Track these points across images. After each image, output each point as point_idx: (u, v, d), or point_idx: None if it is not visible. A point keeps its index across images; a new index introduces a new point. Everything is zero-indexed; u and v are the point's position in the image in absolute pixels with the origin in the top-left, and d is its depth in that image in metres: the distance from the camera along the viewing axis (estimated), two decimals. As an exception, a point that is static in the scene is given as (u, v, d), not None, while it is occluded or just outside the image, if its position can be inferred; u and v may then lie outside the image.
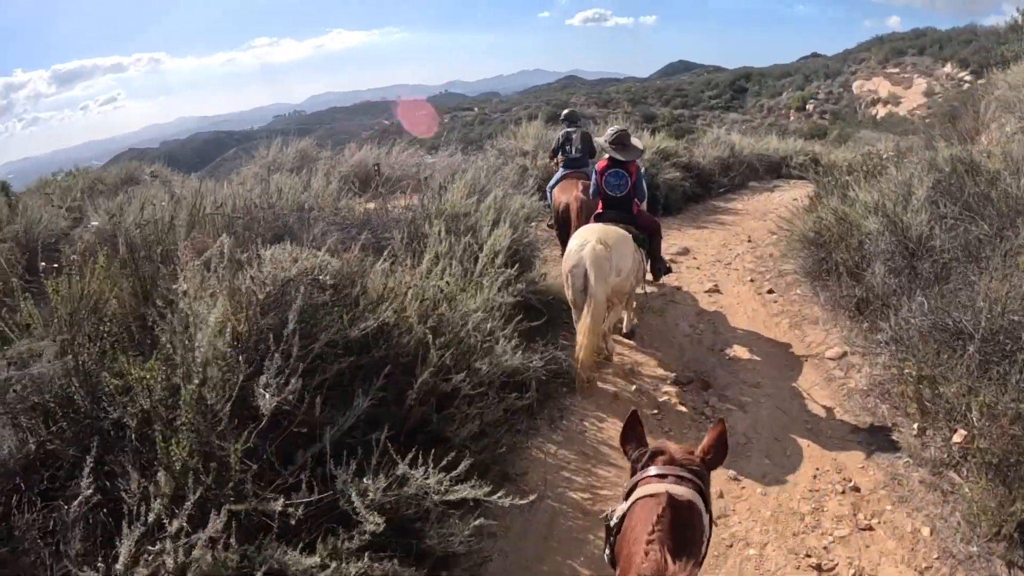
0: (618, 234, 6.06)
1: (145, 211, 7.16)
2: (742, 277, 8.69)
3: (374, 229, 7.24)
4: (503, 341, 4.90)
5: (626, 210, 6.51)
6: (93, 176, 14.50)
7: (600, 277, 5.68)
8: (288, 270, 4.04)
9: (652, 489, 2.05)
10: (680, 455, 2.17)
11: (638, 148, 6.72)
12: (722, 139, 16.54)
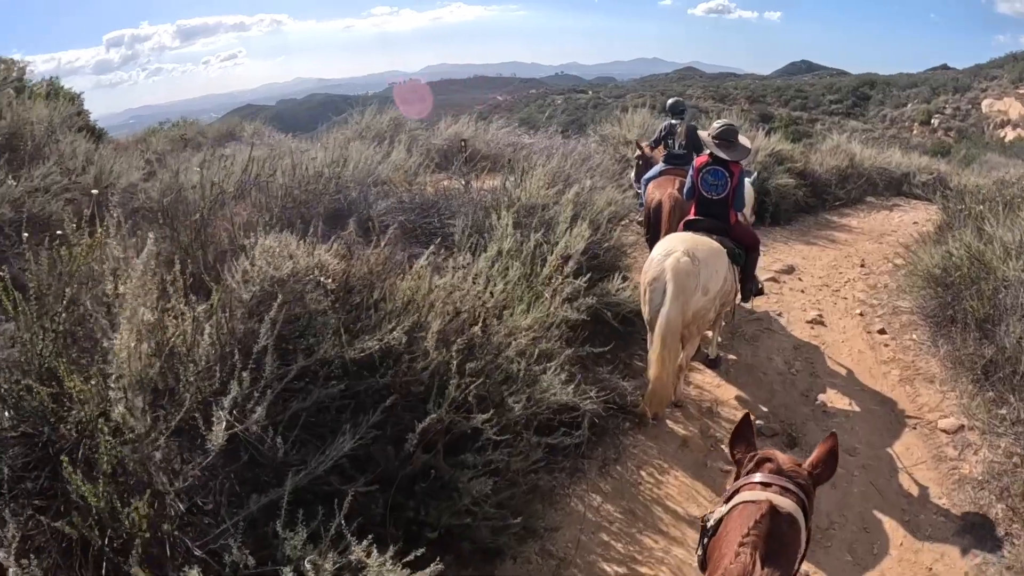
0: (710, 247, 5.09)
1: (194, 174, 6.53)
2: (850, 308, 7.45)
3: (441, 213, 6.38)
4: (553, 371, 3.90)
5: (722, 217, 5.50)
6: (196, 129, 14.27)
7: (680, 296, 4.73)
8: (280, 269, 3.18)
9: (754, 496, 1.97)
10: (788, 466, 2.07)
11: (746, 147, 5.67)
12: (842, 147, 14.92)
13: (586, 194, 6.81)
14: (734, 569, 1.78)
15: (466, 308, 3.82)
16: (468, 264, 4.29)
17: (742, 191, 5.65)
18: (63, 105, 8.64)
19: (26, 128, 7.00)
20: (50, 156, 6.72)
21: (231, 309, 3.09)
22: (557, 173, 6.87)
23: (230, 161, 6.43)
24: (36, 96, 9.55)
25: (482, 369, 3.59)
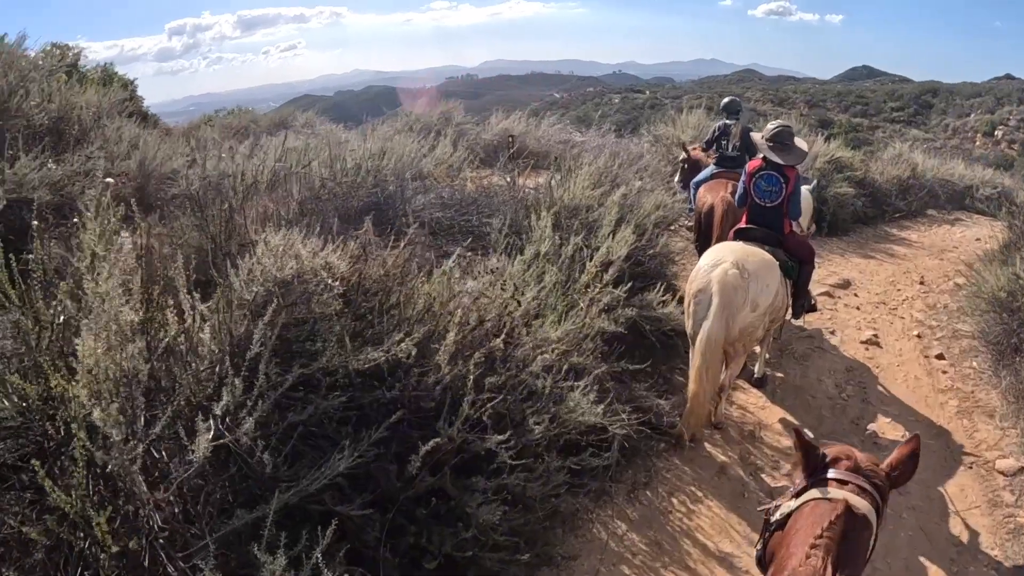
0: (762, 259, 4.68)
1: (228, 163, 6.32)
2: (907, 329, 6.91)
3: (481, 210, 6.05)
4: (582, 389, 3.54)
5: (776, 226, 5.08)
6: (250, 117, 14.22)
7: (725, 310, 4.35)
8: (283, 269, 2.89)
9: (829, 493, 1.86)
10: (866, 464, 1.96)
11: (802, 151, 5.22)
12: (904, 156, 14.16)
13: (633, 196, 6.42)
14: (803, 572, 1.69)
15: (491, 317, 3.49)
16: (498, 267, 3.94)
17: (798, 198, 5.20)
18: (114, 91, 8.58)
19: (74, 113, 6.92)
20: (95, 141, 6.62)
21: (232, 309, 2.81)
22: (604, 173, 6.48)
23: (265, 151, 6.20)
24: (90, 81, 9.54)
25: (503, 384, 3.26)
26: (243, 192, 5.49)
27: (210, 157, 7.17)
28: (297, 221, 4.90)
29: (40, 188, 5.26)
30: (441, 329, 3.21)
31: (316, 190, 5.89)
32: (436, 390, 3.06)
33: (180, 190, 6.05)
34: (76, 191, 5.51)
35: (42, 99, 6.49)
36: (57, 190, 5.47)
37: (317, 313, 3.05)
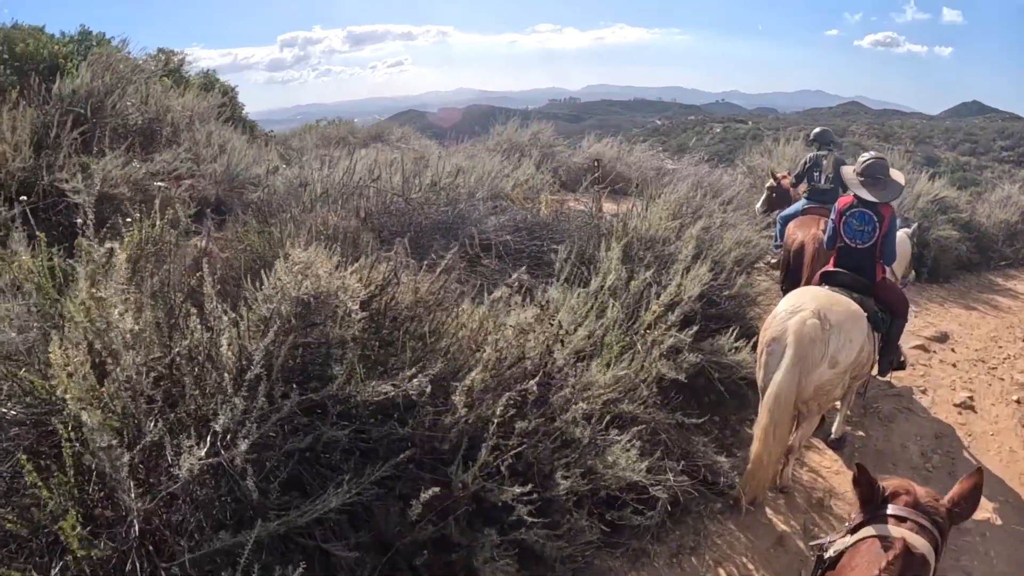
0: (847, 309, 4.08)
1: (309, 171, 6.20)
2: (1007, 393, 6.13)
3: (553, 235, 5.68)
4: (625, 443, 3.12)
5: (867, 271, 4.48)
6: (348, 129, 14.32)
7: (799, 364, 3.79)
8: (299, 288, 2.60)
9: (886, 531, 1.73)
10: (926, 500, 1.84)
11: (897, 184, 4.60)
12: (1013, 198, 12.90)
13: (715, 230, 5.92)
14: None
15: (533, 354, 3.11)
16: (552, 299, 3.55)
17: (893, 240, 4.59)
18: (213, 96, 8.71)
19: (168, 115, 7.04)
20: (183, 142, 6.66)
21: (248, 326, 2.55)
22: (684, 203, 6.00)
23: (350, 163, 6.01)
24: (190, 86, 9.76)
25: (533, 431, 2.88)
26: (309, 202, 5.34)
27: (294, 165, 7.12)
28: (350, 238, 4.70)
29: (122, 185, 5.25)
30: (466, 365, 2.85)
31: (386, 205, 5.67)
32: (452, 432, 2.71)
33: (259, 195, 5.98)
34: (157, 189, 5.53)
35: (139, 100, 6.57)
36: (140, 188, 5.46)
37: (334, 337, 2.75)
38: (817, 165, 6.94)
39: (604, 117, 74.67)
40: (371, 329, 2.99)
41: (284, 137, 13.61)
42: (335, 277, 2.74)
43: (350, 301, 2.79)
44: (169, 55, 11.35)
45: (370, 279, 3.02)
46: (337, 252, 3.12)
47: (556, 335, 3.24)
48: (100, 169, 4.84)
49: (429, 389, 2.66)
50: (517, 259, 5.41)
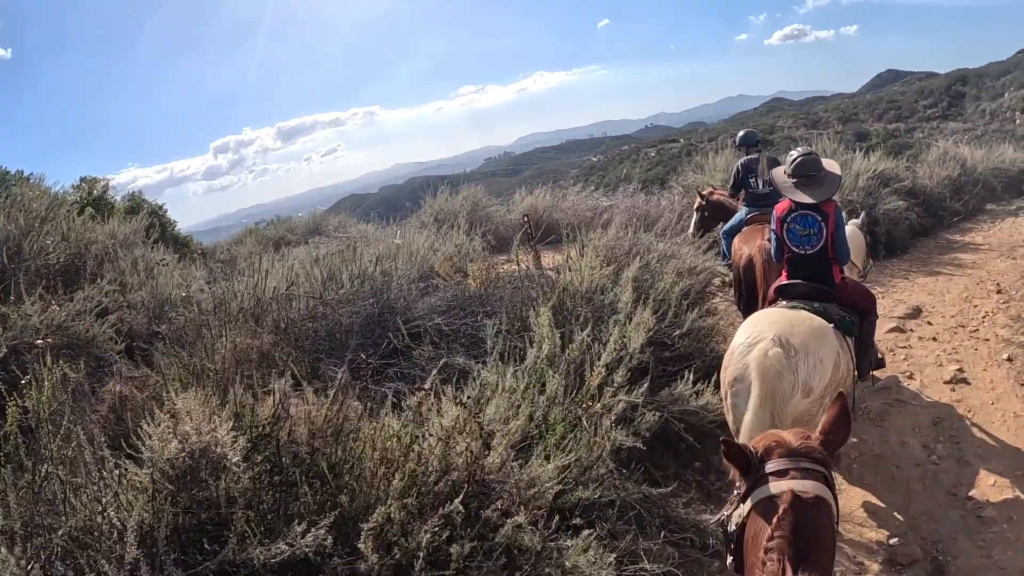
0: (810, 328, 3.67)
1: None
2: (995, 353, 5.80)
3: (486, 308, 5.28)
4: (580, 541, 2.66)
5: (823, 277, 4.10)
6: (286, 227, 14.01)
7: (768, 402, 3.35)
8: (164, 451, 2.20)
9: (772, 489, 1.64)
10: (798, 443, 1.72)
11: (834, 176, 4.21)
12: (950, 153, 12.91)
13: (654, 265, 5.57)
14: None
15: (459, 462, 2.68)
16: (469, 397, 3.13)
17: (843, 237, 4.19)
18: (139, 219, 8.37)
19: (92, 248, 6.64)
20: (107, 274, 6.25)
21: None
22: (615, 246, 5.64)
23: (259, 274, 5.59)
24: (116, 212, 9.40)
25: (471, 553, 2.43)
26: (220, 324, 4.92)
27: (218, 281, 6.68)
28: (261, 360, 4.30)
29: (44, 331, 4.85)
30: (378, 499, 2.42)
31: (309, 310, 5.28)
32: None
33: (165, 327, 5.54)
34: (82, 330, 5.10)
35: (59, 237, 6.20)
36: (62, 331, 5.02)
37: (220, 494, 2.32)
38: (750, 170, 6.57)
39: (540, 165, 75.52)
40: (268, 475, 2.56)
41: (227, 245, 13.27)
42: (205, 430, 2.31)
43: (231, 453, 2.37)
44: (92, 183, 11.06)
45: (253, 420, 2.59)
46: (215, 395, 2.70)
47: (481, 436, 2.80)
48: (18, 318, 4.46)
49: (330, 540, 2.22)
50: (453, 340, 5.02)
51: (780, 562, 1.49)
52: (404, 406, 3.15)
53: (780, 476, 1.67)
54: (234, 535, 2.20)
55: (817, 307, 3.89)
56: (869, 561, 3.66)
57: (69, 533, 2.27)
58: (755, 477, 1.71)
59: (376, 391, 3.82)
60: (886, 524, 3.92)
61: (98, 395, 3.93)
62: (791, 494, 1.60)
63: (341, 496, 2.43)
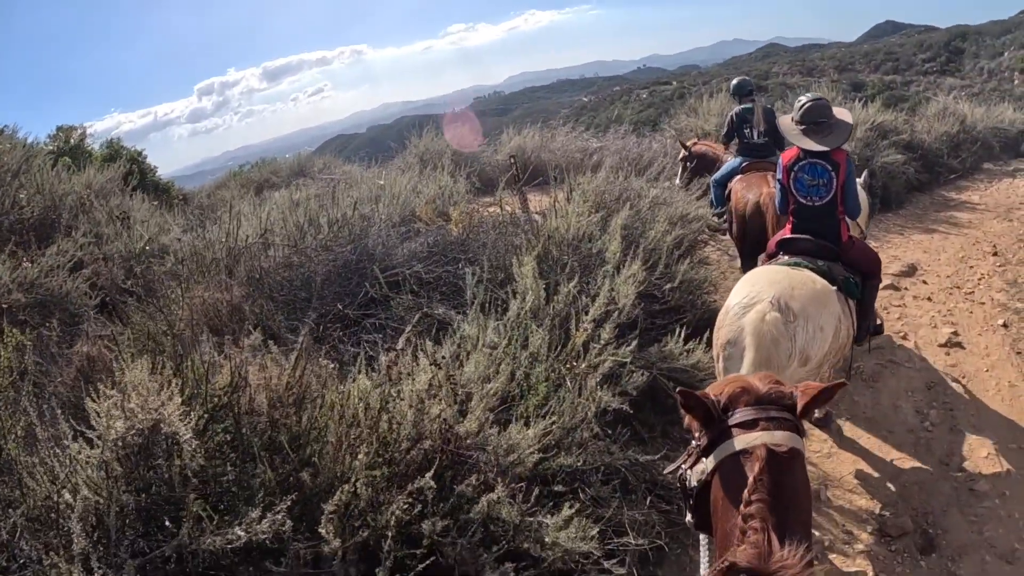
0: (812, 290, 3.42)
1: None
2: (990, 317, 5.65)
3: (468, 254, 5.03)
4: (558, 522, 2.47)
5: (830, 233, 3.84)
6: (270, 169, 13.63)
7: (763, 369, 3.04)
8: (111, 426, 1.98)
9: (740, 444, 1.48)
10: (767, 388, 1.56)
11: (845, 124, 3.91)
12: (950, 109, 12.60)
13: (645, 212, 5.33)
14: (744, 557, 1.29)
15: (432, 429, 2.47)
16: (445, 356, 2.91)
17: (854, 188, 3.94)
18: (117, 167, 8.05)
19: (66, 199, 6.41)
20: (81, 227, 5.97)
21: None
22: (605, 191, 5.37)
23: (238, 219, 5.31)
24: (94, 160, 9.05)
25: (444, 531, 2.25)
26: (189, 276, 4.65)
27: (195, 227, 6.39)
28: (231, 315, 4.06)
29: (15, 291, 4.59)
30: (342, 475, 2.21)
31: (285, 258, 5.02)
32: (334, 563, 2.07)
33: (168, 268, 5.27)
34: (56, 286, 4.86)
35: (33, 190, 5.94)
36: (34, 290, 4.80)
37: (173, 474, 2.10)
38: (745, 120, 6.36)
39: (530, 104, 74.35)
40: (228, 447, 2.34)
41: (210, 189, 12.91)
42: (153, 405, 2.08)
43: (183, 430, 2.14)
44: (68, 132, 10.68)
45: (210, 390, 2.35)
46: (170, 363, 2.46)
47: (456, 400, 2.59)
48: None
49: (289, 525, 2.02)
50: (433, 289, 4.79)
51: (764, 531, 1.32)
52: (375, 366, 2.93)
53: (748, 428, 1.51)
54: (188, 519, 1.99)
55: (821, 266, 3.66)
56: (859, 530, 3.53)
57: (26, 513, 2.08)
58: (719, 429, 1.55)
59: (346, 351, 3.58)
60: (877, 492, 3.79)
61: (66, 357, 3.69)
62: (765, 449, 1.46)
63: (303, 473, 2.22)
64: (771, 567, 1.27)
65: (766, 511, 1.36)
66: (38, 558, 2.00)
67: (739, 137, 6.43)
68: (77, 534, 1.94)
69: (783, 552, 1.29)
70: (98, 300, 4.92)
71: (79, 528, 1.96)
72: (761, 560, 1.29)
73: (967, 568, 3.30)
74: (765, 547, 1.30)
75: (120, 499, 2.08)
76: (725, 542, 1.44)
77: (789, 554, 1.28)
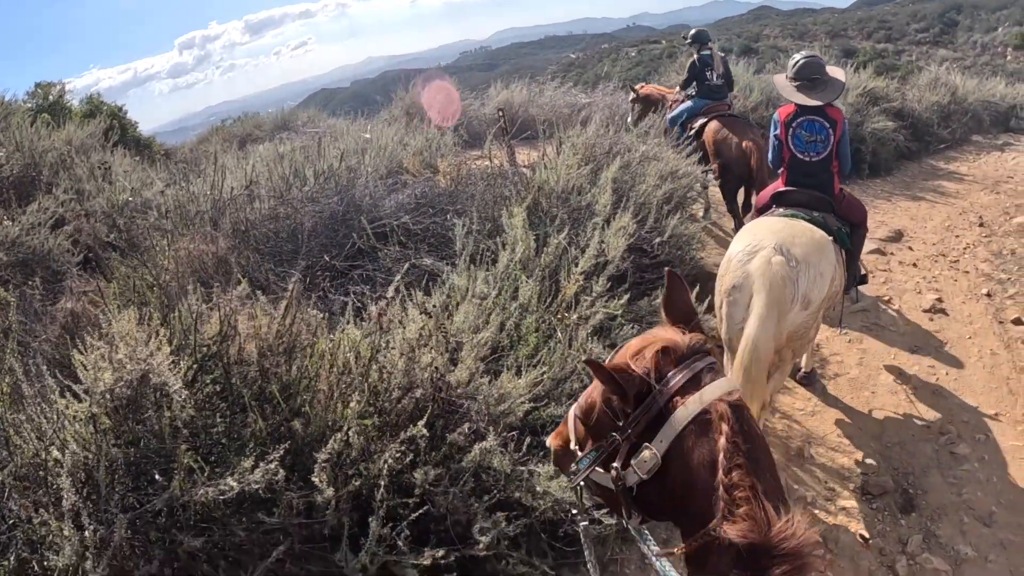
0: (811, 239, 3.51)
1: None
2: (974, 287, 5.72)
3: (456, 206, 4.98)
4: (548, 472, 2.47)
5: (825, 186, 3.96)
6: (253, 123, 13.42)
7: (772, 312, 3.18)
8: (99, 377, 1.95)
9: (696, 404, 1.26)
10: (687, 338, 1.36)
11: (838, 81, 4.05)
12: (942, 80, 12.60)
13: (635, 166, 5.29)
14: (741, 531, 1.14)
15: (424, 378, 2.46)
16: (436, 305, 2.88)
17: (847, 147, 4.09)
18: (97, 122, 7.93)
19: (46, 156, 6.36)
20: (62, 183, 5.86)
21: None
22: (595, 144, 5.33)
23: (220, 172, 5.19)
24: (74, 116, 8.89)
25: (436, 480, 2.25)
26: (170, 234, 4.58)
27: (178, 182, 6.28)
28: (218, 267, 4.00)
29: None
30: (334, 424, 2.20)
31: (271, 209, 4.94)
32: (326, 512, 2.07)
33: (152, 222, 5.18)
34: (38, 244, 4.84)
35: (12, 148, 5.87)
36: (16, 248, 4.78)
37: (164, 426, 2.08)
38: (706, 64, 6.92)
39: (517, 60, 73.42)
40: (218, 398, 2.32)
41: (191, 145, 12.68)
42: (141, 355, 2.04)
43: (172, 380, 2.11)
44: (48, 88, 10.46)
45: (198, 339, 2.32)
46: (157, 313, 2.42)
47: (447, 349, 2.58)
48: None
49: (282, 474, 2.01)
50: (421, 241, 4.75)
51: (755, 499, 1.18)
52: (364, 315, 2.90)
53: (693, 387, 1.30)
54: (179, 471, 1.97)
55: (816, 217, 3.76)
56: (840, 487, 3.59)
57: (14, 472, 2.05)
58: (660, 402, 1.30)
59: (335, 300, 3.55)
60: (858, 451, 3.86)
61: (50, 314, 3.64)
62: (724, 404, 1.26)
63: (295, 422, 2.20)
64: (774, 539, 1.15)
65: (750, 476, 1.21)
66: (27, 517, 1.98)
67: (699, 81, 6.94)
68: (67, 490, 1.91)
69: (782, 522, 1.17)
70: (81, 257, 4.91)
71: (68, 484, 1.93)
72: (761, 534, 1.16)
73: (945, 528, 3.37)
74: (762, 517, 1.17)
75: (110, 453, 2.06)
76: (697, 520, 1.25)
77: (788, 522, 1.16)
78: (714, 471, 1.22)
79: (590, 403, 1.44)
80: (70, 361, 2.24)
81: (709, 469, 1.23)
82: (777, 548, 1.15)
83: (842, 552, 3.22)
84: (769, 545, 1.15)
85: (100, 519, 1.97)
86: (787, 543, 1.15)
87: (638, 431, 1.33)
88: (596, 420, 1.42)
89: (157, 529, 2.06)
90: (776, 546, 1.15)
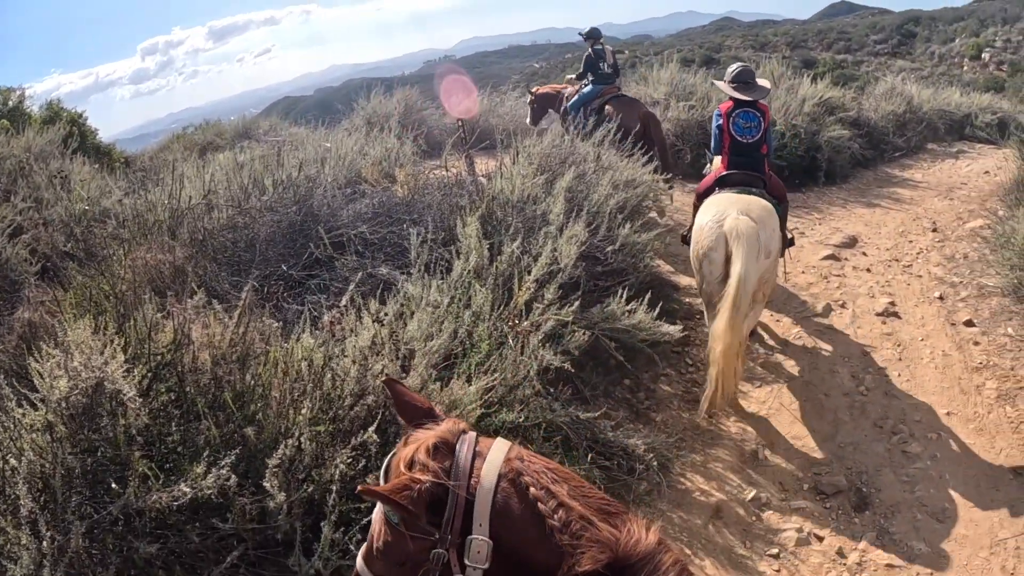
0: (761, 205, 4.53)
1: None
2: (927, 290, 5.90)
3: (413, 215, 5.04)
4: None
5: (758, 166, 4.95)
6: (214, 131, 13.33)
7: (751, 256, 4.13)
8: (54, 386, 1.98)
9: (492, 473, 1.29)
10: (448, 424, 1.38)
11: (764, 87, 5.26)
12: (898, 89, 12.97)
13: (590, 176, 5.42)
14: (592, 560, 1.21)
15: (376, 384, 2.52)
16: (387, 313, 2.95)
17: (772, 134, 5.29)
18: (57, 129, 7.85)
19: (2, 165, 6.44)
20: (20, 192, 5.81)
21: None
22: (550, 155, 5.44)
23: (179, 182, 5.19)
24: (33, 122, 8.78)
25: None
26: (131, 242, 4.58)
27: (137, 191, 6.24)
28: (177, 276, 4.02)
29: None
30: (286, 431, 2.25)
31: (229, 219, 4.96)
32: (278, 517, 2.11)
33: (110, 231, 5.16)
34: None
35: None
36: None
37: (118, 434, 2.11)
38: (600, 56, 8.19)
39: (481, 69, 73.73)
40: (173, 406, 2.35)
41: (152, 152, 12.57)
42: (96, 364, 2.08)
43: (126, 388, 2.14)
44: (7, 93, 10.32)
45: (153, 348, 2.35)
46: (112, 322, 2.45)
47: (398, 357, 2.65)
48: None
49: (234, 480, 2.05)
50: (377, 250, 4.80)
51: (594, 526, 1.25)
52: (319, 325, 2.96)
53: (479, 461, 1.33)
54: (134, 479, 2.01)
55: (756, 192, 4.68)
56: (794, 488, 3.72)
57: None
58: (462, 493, 1.30)
59: (290, 308, 3.59)
60: (812, 452, 3.99)
61: (7, 324, 3.64)
62: (514, 460, 1.33)
63: (248, 429, 2.25)
64: (625, 551, 1.23)
65: (574, 506, 1.27)
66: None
67: (594, 71, 8.19)
68: (24, 498, 1.95)
69: (624, 533, 1.25)
70: (39, 267, 4.91)
71: (25, 492, 1.97)
72: (612, 550, 1.23)
73: (899, 525, 3.51)
74: (606, 536, 1.24)
75: (66, 461, 2.10)
76: (553, 568, 1.27)
77: (629, 532, 1.25)
78: (541, 519, 1.26)
79: (389, 540, 1.37)
80: (27, 371, 2.26)
81: (537, 520, 1.27)
82: (632, 557, 1.23)
83: (792, 560, 3.33)
84: (624, 556, 1.23)
85: (57, 527, 2.01)
86: (638, 548, 1.23)
87: (457, 530, 1.31)
88: (408, 549, 1.34)
89: (114, 536, 2.09)
90: (630, 555, 1.23)
